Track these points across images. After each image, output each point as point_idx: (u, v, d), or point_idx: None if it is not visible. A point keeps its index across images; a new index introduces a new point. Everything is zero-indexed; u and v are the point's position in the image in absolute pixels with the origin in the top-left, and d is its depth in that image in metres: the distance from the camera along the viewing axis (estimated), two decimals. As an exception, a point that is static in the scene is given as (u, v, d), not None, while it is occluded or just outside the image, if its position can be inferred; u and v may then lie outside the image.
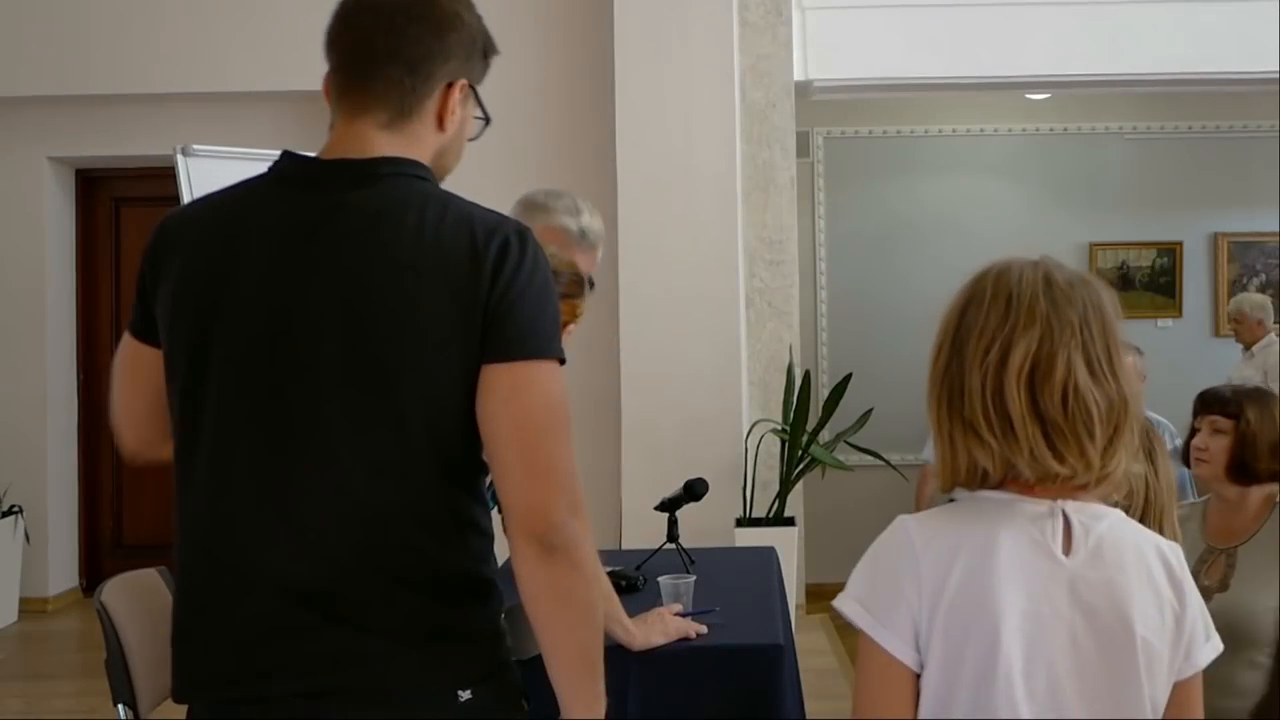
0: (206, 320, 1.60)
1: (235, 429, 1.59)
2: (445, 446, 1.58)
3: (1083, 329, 1.44)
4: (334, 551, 1.56)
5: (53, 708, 5.17)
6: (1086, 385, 1.41)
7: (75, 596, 6.99)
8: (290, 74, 6.36)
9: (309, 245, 1.59)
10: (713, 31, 6.01)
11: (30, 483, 6.74)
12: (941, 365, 1.47)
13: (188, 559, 1.64)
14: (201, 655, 1.62)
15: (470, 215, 1.61)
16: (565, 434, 1.60)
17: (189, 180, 4.24)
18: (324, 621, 1.56)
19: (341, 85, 1.70)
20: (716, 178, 5.99)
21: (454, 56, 1.69)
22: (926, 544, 1.41)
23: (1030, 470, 1.41)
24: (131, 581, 2.93)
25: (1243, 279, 8.00)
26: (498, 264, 1.56)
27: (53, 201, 6.95)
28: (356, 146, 1.66)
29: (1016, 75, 6.66)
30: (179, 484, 1.65)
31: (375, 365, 1.55)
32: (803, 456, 5.85)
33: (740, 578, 3.33)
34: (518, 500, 1.56)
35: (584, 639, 1.59)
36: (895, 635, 1.40)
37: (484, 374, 1.56)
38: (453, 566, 1.61)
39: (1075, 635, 1.38)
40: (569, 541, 1.56)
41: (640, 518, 4.94)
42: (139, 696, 2.67)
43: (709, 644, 2.61)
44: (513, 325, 1.56)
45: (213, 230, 1.66)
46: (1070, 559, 1.40)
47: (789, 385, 5.95)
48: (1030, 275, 1.49)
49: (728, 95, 6.03)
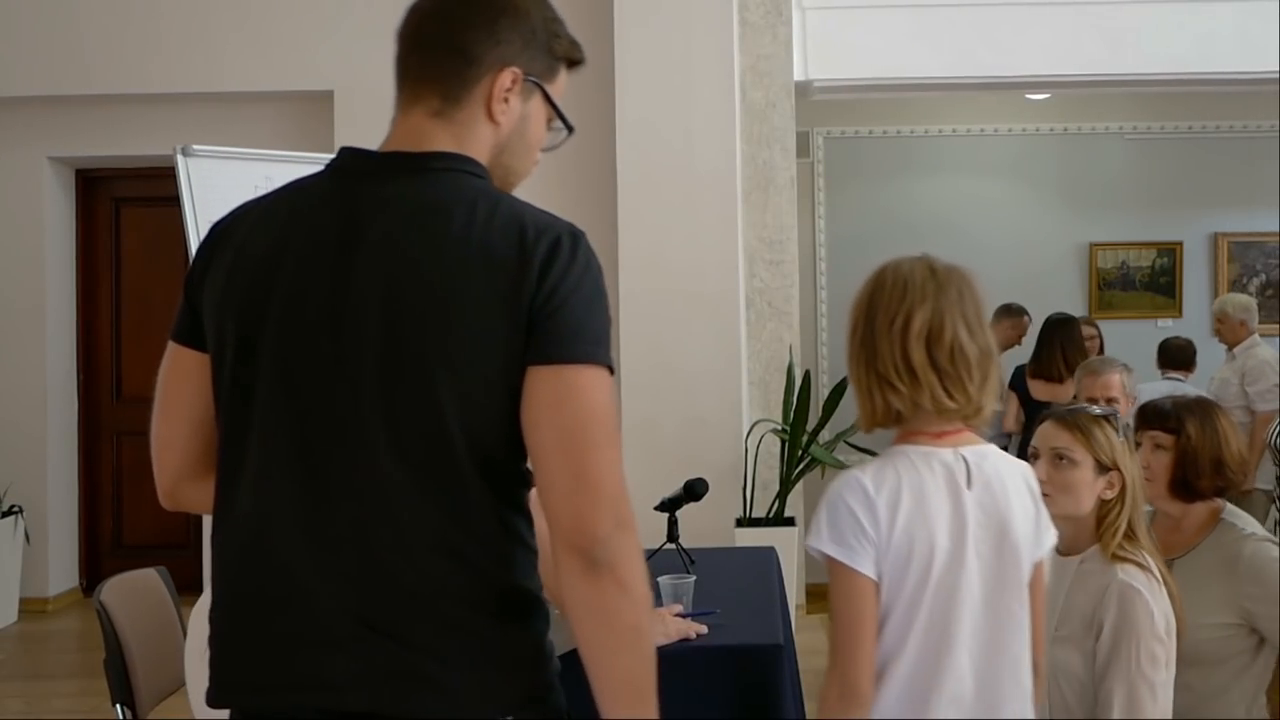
0: (257, 311, 1.56)
1: (281, 426, 1.54)
2: (486, 453, 1.51)
3: (959, 301, 1.93)
4: (374, 559, 1.51)
5: (53, 708, 5.18)
6: (967, 342, 1.91)
7: (75, 596, 6.99)
8: (290, 74, 6.39)
9: (356, 238, 1.55)
10: (713, 31, 6.01)
11: (30, 483, 6.74)
12: (859, 338, 1.95)
13: (230, 557, 1.59)
14: (235, 660, 1.58)
15: (522, 214, 1.56)
16: (613, 444, 1.51)
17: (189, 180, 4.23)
18: (362, 634, 1.50)
19: (398, 74, 1.67)
20: (716, 178, 5.99)
21: (504, 42, 1.64)
22: (878, 490, 1.87)
23: (932, 406, 1.90)
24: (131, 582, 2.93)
25: (1243, 279, 8.01)
26: (546, 263, 1.51)
27: (53, 201, 6.95)
28: (411, 139, 1.63)
29: (1016, 75, 6.66)
30: (223, 477, 1.60)
31: (413, 365, 1.50)
32: (803, 456, 5.85)
33: (740, 578, 3.33)
34: (561, 512, 1.48)
35: (630, 665, 1.49)
36: (864, 560, 1.85)
37: (528, 377, 1.50)
38: (498, 580, 1.54)
39: (979, 545, 1.90)
40: (615, 558, 1.48)
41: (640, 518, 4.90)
42: (138, 696, 2.67)
43: (709, 644, 2.62)
44: (560, 326, 1.50)
45: (265, 223, 1.62)
46: (971, 491, 1.91)
47: (789, 385, 5.95)
48: (918, 266, 1.97)
49: (728, 95, 6.03)
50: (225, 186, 3.72)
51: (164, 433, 1.69)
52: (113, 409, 7.15)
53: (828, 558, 1.87)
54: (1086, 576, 2.47)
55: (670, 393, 5.87)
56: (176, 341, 1.67)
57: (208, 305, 1.62)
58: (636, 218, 5.92)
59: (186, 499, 1.71)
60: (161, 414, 1.70)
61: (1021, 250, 7.84)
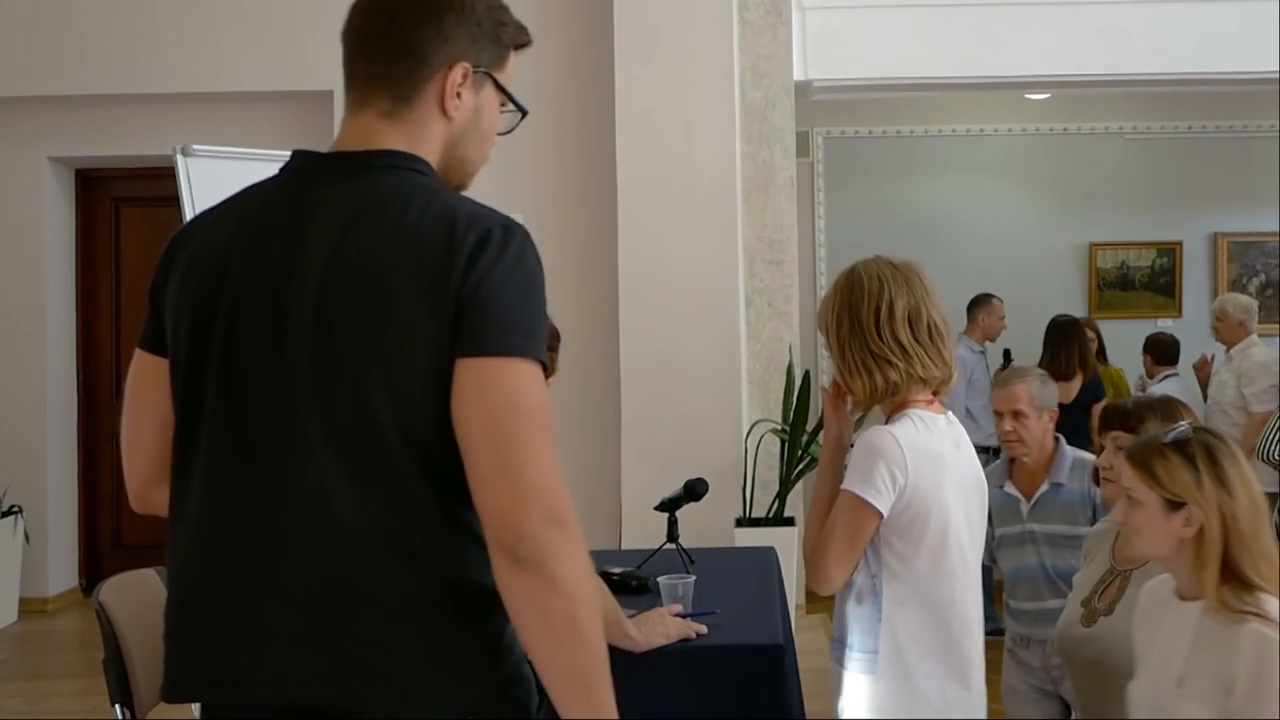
0: (206, 313, 1.59)
1: (228, 426, 1.56)
2: (425, 447, 1.50)
3: (923, 288, 2.35)
4: (321, 559, 1.51)
5: (53, 708, 5.17)
6: (939, 320, 2.34)
7: (75, 596, 6.99)
8: (290, 74, 6.39)
9: (297, 239, 1.56)
10: (713, 31, 6.01)
11: (30, 483, 6.74)
12: (846, 329, 2.34)
13: (181, 557, 1.60)
14: (188, 658, 1.59)
15: (455, 206, 1.55)
16: (541, 438, 1.47)
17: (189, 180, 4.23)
18: (315, 632, 1.50)
19: (346, 76, 1.69)
20: (716, 178, 5.99)
21: (452, 38, 1.64)
22: (907, 446, 2.28)
23: (924, 375, 2.32)
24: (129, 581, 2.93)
25: (1243, 279, 8.01)
26: (473, 254, 1.49)
27: (52, 201, 6.94)
28: (359, 140, 1.64)
29: (1016, 75, 6.66)
30: (176, 478, 1.62)
31: (345, 362, 1.50)
32: (802, 456, 5.85)
33: (740, 578, 3.33)
34: (487, 507, 1.46)
35: (571, 660, 1.46)
36: (884, 501, 2.27)
37: (456, 369, 1.48)
38: (450, 577, 1.52)
39: (967, 493, 2.37)
40: (543, 555, 1.44)
41: (640, 518, 4.94)
42: (137, 696, 2.67)
43: (709, 644, 2.62)
44: (485, 318, 1.48)
45: (216, 227, 1.65)
46: (958, 451, 2.37)
47: (789, 385, 5.95)
48: (882, 263, 2.37)
49: (728, 95, 6.03)
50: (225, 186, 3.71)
51: (131, 437, 1.71)
52: (113, 409, 7.13)
53: (851, 494, 2.27)
54: (1210, 629, 2.15)
55: (670, 392, 5.88)
56: (142, 348, 1.70)
57: (167, 310, 1.65)
58: (636, 218, 5.93)
59: (155, 502, 1.71)
60: (129, 419, 1.72)
61: (1021, 250, 7.84)
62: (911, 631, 2.31)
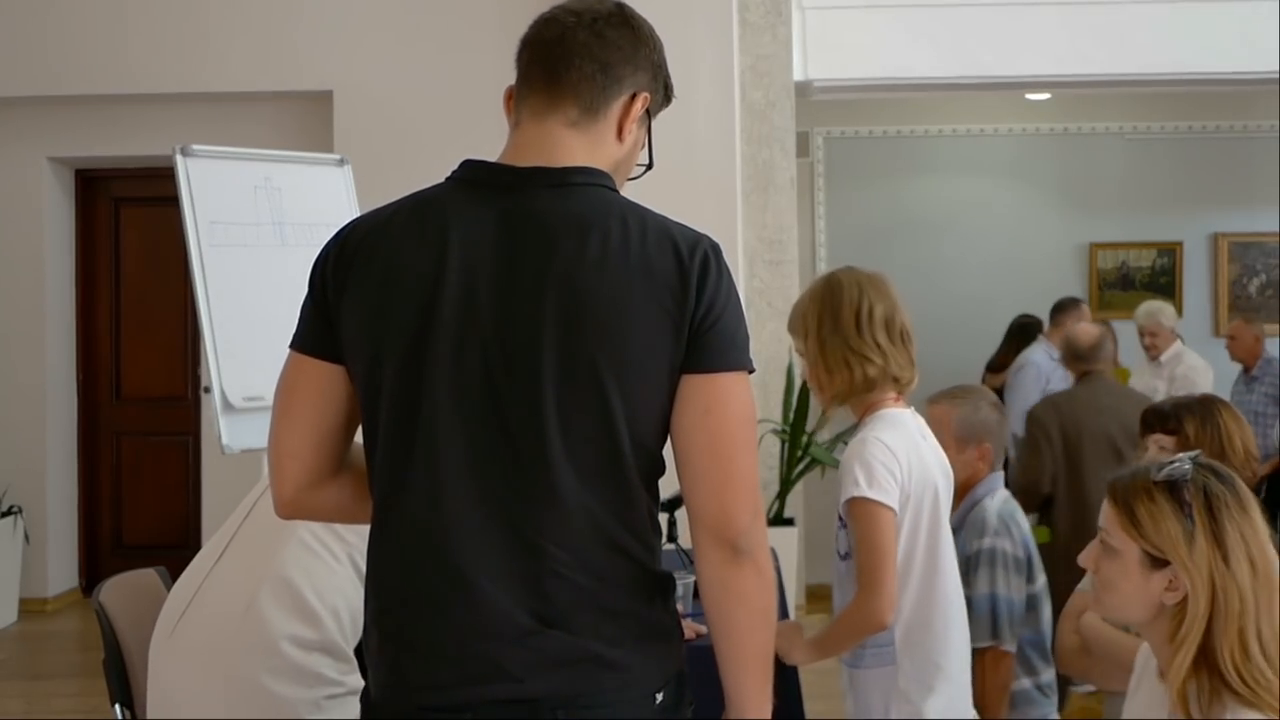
0: (421, 325, 1.63)
1: (454, 432, 1.62)
2: (645, 452, 1.64)
3: (893, 296, 2.51)
4: (546, 560, 1.61)
5: (53, 708, 5.18)
6: (909, 327, 2.51)
7: (75, 596, 6.99)
8: (290, 74, 6.38)
9: (519, 251, 1.63)
10: (713, 31, 6.01)
11: (30, 483, 6.74)
12: (826, 329, 2.47)
13: (399, 562, 1.66)
14: (414, 661, 1.64)
15: (668, 227, 1.68)
16: (754, 443, 1.68)
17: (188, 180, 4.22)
18: (535, 628, 1.60)
19: (535, 79, 1.74)
20: (716, 177, 5.98)
21: (642, 70, 1.76)
22: (898, 446, 2.43)
23: (898, 374, 2.47)
24: (129, 582, 2.93)
25: (1243, 279, 8.01)
26: (702, 278, 1.64)
27: (52, 201, 6.95)
28: (547, 149, 1.71)
29: (1016, 75, 6.66)
30: (386, 487, 1.66)
31: (586, 374, 1.60)
32: (802, 456, 5.85)
33: (740, 578, 3.32)
34: (708, 506, 1.64)
35: (761, 641, 1.69)
36: (893, 500, 2.39)
37: (684, 384, 1.63)
38: (652, 566, 1.68)
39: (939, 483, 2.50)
40: (754, 546, 1.65)
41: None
42: (137, 696, 2.67)
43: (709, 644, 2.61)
44: (717, 338, 1.63)
45: (410, 235, 1.67)
46: (926, 441, 2.53)
47: (789, 385, 5.95)
48: (856, 273, 2.53)
49: (728, 95, 6.02)
50: (225, 186, 3.72)
51: (289, 443, 1.73)
52: (112, 409, 7.14)
53: (863, 501, 2.38)
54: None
55: (670, 393, 5.87)
56: (304, 353, 1.71)
57: (352, 320, 1.67)
58: (636, 218, 5.92)
59: (307, 507, 1.78)
60: (286, 424, 1.73)
61: (1021, 250, 7.84)
62: (921, 616, 2.46)
